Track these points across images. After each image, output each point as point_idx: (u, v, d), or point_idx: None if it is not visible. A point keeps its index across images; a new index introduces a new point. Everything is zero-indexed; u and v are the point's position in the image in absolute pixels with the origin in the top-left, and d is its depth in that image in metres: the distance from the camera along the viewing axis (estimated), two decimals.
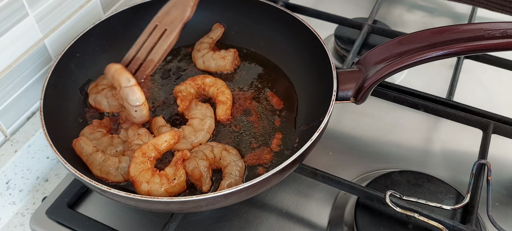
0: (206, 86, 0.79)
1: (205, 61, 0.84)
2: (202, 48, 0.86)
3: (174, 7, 0.76)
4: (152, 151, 0.66)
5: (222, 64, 0.84)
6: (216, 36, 0.88)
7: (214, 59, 0.84)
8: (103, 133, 0.73)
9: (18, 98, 0.78)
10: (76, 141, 0.69)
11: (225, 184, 0.64)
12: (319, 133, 0.62)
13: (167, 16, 0.76)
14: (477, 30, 0.59)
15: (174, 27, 0.74)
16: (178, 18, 0.75)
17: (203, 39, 0.88)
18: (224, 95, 0.77)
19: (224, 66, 0.84)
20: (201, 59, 0.84)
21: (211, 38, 0.87)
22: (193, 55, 0.86)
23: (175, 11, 0.75)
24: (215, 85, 0.78)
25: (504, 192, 0.74)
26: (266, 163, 0.70)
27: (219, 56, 0.84)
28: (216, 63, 0.84)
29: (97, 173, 0.67)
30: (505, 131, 0.75)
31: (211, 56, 0.84)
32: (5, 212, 0.75)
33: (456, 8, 1.13)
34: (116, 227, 0.67)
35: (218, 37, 0.88)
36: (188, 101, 0.75)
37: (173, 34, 0.74)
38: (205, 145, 0.70)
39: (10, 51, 0.74)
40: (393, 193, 0.64)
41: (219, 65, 0.84)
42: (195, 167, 0.65)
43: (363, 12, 1.08)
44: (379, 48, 0.66)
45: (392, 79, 0.91)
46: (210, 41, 0.87)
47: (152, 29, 0.75)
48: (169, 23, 0.75)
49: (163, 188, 0.63)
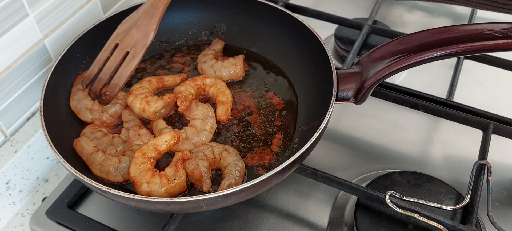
0: (206, 87, 0.79)
1: (216, 71, 0.83)
2: (208, 59, 0.85)
3: (136, 28, 0.75)
4: (152, 152, 0.66)
5: (234, 71, 0.83)
6: (219, 49, 0.88)
7: (226, 68, 0.83)
8: (104, 132, 0.73)
9: (18, 98, 0.78)
10: (77, 140, 0.69)
11: (225, 184, 0.64)
12: (319, 133, 0.62)
13: (128, 36, 0.75)
14: (477, 31, 0.59)
15: (137, 52, 0.74)
16: (141, 42, 0.74)
17: (206, 52, 0.87)
18: (224, 96, 0.77)
19: (237, 74, 0.83)
20: (211, 69, 0.83)
21: (214, 50, 0.87)
22: (200, 68, 0.85)
23: (136, 33, 0.75)
24: (215, 86, 0.78)
25: (504, 192, 0.74)
26: (266, 163, 0.70)
27: (230, 64, 0.83)
28: (228, 71, 0.83)
29: (97, 173, 0.67)
30: (505, 131, 0.75)
31: (221, 65, 0.83)
32: (5, 213, 0.75)
33: (456, 9, 1.13)
34: (116, 228, 0.67)
35: (220, 50, 0.88)
36: (188, 102, 0.75)
37: (136, 60, 0.74)
38: (205, 146, 0.70)
39: (10, 51, 0.74)
40: (393, 193, 0.64)
41: (231, 73, 0.83)
42: (195, 167, 0.65)
43: (363, 13, 1.08)
44: (379, 49, 0.66)
45: (392, 80, 0.91)
46: (214, 53, 0.86)
47: (112, 48, 0.75)
48: (131, 46, 0.74)
49: (164, 188, 0.63)
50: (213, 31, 0.92)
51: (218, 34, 0.91)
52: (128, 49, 0.74)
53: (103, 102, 0.75)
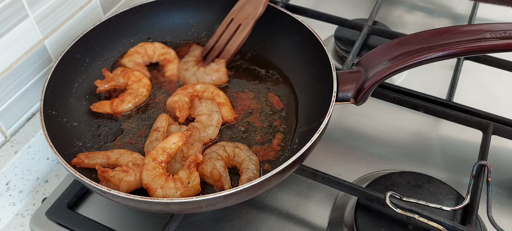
0: (199, 93, 0.79)
1: (199, 78, 0.82)
2: (189, 67, 0.84)
3: (248, 3, 0.84)
4: (162, 155, 0.65)
5: (217, 77, 0.82)
6: (198, 54, 0.86)
7: (208, 74, 0.82)
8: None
9: (18, 99, 0.78)
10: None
11: (245, 178, 0.65)
12: (319, 133, 0.62)
13: (242, 11, 0.84)
14: (477, 31, 0.59)
15: (247, 23, 0.83)
16: (251, 15, 0.83)
17: (186, 59, 0.86)
18: (220, 97, 0.78)
19: (220, 79, 0.82)
20: (193, 77, 0.82)
21: (194, 57, 0.86)
22: (182, 76, 0.84)
23: (249, 7, 0.84)
24: (208, 90, 0.79)
25: (504, 193, 0.74)
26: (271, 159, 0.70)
27: (212, 71, 0.82)
28: (211, 77, 0.82)
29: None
30: (505, 132, 0.75)
31: (204, 72, 0.82)
32: (5, 213, 0.75)
33: (456, 9, 1.13)
34: (116, 228, 0.67)
35: (200, 55, 0.86)
36: (186, 110, 0.75)
37: (246, 30, 0.83)
38: (216, 146, 0.70)
39: (10, 52, 0.74)
40: (393, 194, 0.64)
41: (214, 79, 0.82)
42: (213, 168, 0.65)
43: (363, 13, 1.08)
44: (379, 49, 0.67)
45: (392, 80, 0.91)
46: (194, 59, 0.85)
47: (228, 22, 0.85)
48: (243, 19, 0.84)
49: (179, 192, 0.62)
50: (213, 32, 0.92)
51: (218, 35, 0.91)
52: (240, 22, 0.84)
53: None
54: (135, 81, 0.80)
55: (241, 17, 0.84)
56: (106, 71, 0.80)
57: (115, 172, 0.65)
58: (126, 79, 0.80)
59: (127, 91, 0.79)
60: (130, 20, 0.87)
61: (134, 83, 0.80)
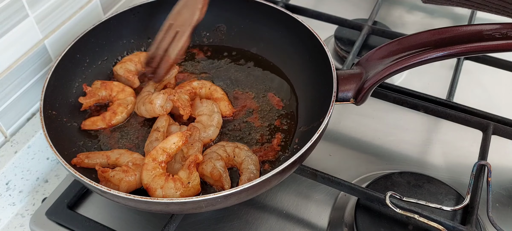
0: (197, 90, 0.79)
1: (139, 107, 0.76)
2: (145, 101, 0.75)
3: (185, 7, 0.77)
4: (162, 155, 0.65)
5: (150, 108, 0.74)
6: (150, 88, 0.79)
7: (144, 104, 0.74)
8: None
9: (18, 99, 0.78)
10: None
11: (245, 178, 0.65)
12: (319, 134, 0.62)
13: (179, 16, 0.77)
14: (477, 32, 0.59)
15: (184, 31, 0.76)
16: (188, 21, 0.76)
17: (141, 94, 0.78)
18: (218, 92, 0.78)
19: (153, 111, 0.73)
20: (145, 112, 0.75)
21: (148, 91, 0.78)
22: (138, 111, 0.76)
23: (185, 12, 0.76)
24: (205, 86, 0.79)
25: (504, 193, 0.74)
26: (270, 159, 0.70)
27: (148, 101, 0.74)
28: (146, 108, 0.74)
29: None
30: (505, 132, 0.75)
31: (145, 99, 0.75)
32: (5, 213, 0.75)
33: (456, 10, 1.13)
34: (116, 228, 0.67)
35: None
36: (189, 107, 0.75)
37: (183, 39, 0.76)
38: (216, 146, 0.70)
39: (10, 52, 0.74)
40: (393, 194, 0.64)
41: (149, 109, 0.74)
42: (213, 168, 0.65)
43: (363, 13, 1.08)
44: (379, 49, 0.66)
45: (392, 80, 0.92)
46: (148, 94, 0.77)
47: (167, 28, 0.78)
48: (180, 25, 0.76)
49: (179, 192, 0.62)
50: (214, 32, 0.92)
51: (218, 35, 0.91)
52: (178, 29, 0.76)
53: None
54: (119, 92, 0.78)
55: (179, 23, 0.76)
56: (86, 87, 0.77)
57: (115, 172, 0.65)
58: (109, 91, 0.78)
59: (116, 103, 0.77)
60: (130, 20, 0.87)
61: (119, 94, 0.78)
